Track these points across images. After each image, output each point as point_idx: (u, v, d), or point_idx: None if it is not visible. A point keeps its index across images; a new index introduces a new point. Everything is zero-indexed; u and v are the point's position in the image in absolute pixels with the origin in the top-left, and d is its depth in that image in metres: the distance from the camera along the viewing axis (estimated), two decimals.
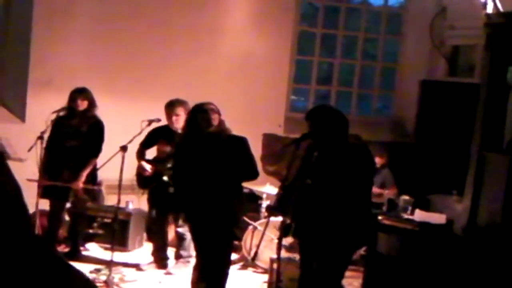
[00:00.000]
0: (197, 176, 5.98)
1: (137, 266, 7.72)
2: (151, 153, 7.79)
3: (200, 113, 6.05)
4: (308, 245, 5.46)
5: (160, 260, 7.83)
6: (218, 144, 6.00)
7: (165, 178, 7.41)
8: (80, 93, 7.64)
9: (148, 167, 7.49)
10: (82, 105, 7.63)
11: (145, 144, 7.57)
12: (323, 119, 5.39)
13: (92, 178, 7.74)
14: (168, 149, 7.47)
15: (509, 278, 5.92)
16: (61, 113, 7.57)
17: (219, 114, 6.12)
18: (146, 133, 7.36)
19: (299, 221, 5.41)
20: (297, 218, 5.41)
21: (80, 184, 7.58)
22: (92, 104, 7.71)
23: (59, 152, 7.62)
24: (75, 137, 7.63)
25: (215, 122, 6.06)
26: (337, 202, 5.19)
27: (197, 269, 6.26)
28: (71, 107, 7.61)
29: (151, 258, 7.89)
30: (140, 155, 7.56)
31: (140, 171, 7.57)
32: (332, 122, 5.38)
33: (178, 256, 7.77)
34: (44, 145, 7.32)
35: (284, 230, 5.47)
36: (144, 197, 8.00)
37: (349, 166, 5.23)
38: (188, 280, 6.44)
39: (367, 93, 11.37)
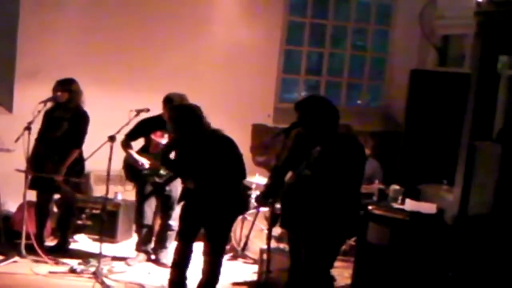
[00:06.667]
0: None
1: (125, 260, 7.64)
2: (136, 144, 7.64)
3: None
4: (297, 235, 5.44)
5: (145, 253, 7.75)
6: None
7: (162, 171, 7.30)
8: (59, 84, 7.53)
9: (144, 160, 7.32)
10: (63, 96, 7.51)
11: (133, 135, 7.37)
12: (312, 110, 5.35)
13: (78, 169, 7.62)
14: (164, 141, 7.32)
15: (499, 267, 5.92)
16: (49, 104, 7.51)
17: None
18: (135, 124, 7.23)
19: (287, 211, 5.39)
20: (286, 208, 5.38)
21: (61, 176, 7.50)
22: (74, 96, 7.55)
23: (44, 144, 7.52)
24: (57, 128, 7.53)
25: None
26: (326, 192, 5.17)
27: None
28: (55, 98, 7.53)
29: (136, 252, 7.76)
30: (127, 146, 7.35)
31: (132, 163, 7.37)
32: (321, 112, 5.34)
33: (158, 248, 7.66)
34: (35, 136, 7.34)
35: (272, 220, 5.45)
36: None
37: (338, 156, 5.20)
38: None
39: (357, 83, 11.33)
